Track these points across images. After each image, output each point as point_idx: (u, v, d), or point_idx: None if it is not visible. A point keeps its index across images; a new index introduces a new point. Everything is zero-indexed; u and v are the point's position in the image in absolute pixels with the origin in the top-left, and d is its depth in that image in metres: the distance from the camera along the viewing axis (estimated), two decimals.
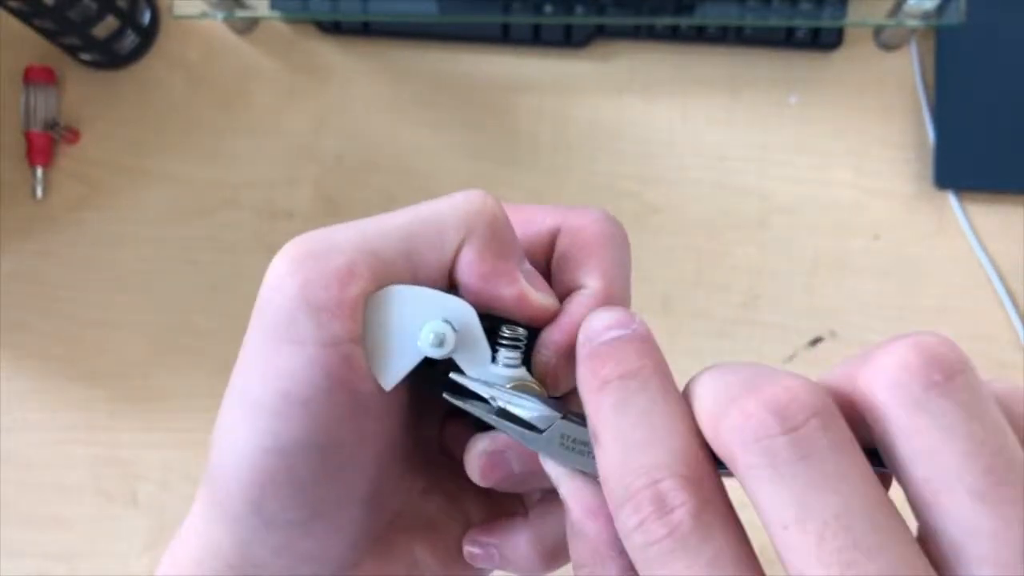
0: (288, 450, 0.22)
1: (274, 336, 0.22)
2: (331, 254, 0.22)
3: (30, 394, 0.63)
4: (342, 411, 0.23)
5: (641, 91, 0.65)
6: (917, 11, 0.60)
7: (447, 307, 0.23)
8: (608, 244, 0.25)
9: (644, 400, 0.20)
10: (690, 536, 0.18)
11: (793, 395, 0.18)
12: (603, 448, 0.20)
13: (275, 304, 0.23)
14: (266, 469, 0.23)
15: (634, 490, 0.19)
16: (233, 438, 0.23)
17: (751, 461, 0.17)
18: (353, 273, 0.22)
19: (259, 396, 0.22)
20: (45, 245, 0.65)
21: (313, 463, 0.23)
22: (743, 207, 0.64)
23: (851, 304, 0.62)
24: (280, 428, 0.22)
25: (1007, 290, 0.62)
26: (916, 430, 0.17)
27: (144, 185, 0.65)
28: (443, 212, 0.24)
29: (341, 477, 0.24)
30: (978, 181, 0.63)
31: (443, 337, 0.23)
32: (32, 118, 0.65)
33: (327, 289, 0.22)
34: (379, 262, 0.23)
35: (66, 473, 0.62)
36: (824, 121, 0.64)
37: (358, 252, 0.23)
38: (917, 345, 0.17)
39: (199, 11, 0.63)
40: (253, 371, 0.23)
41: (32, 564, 0.61)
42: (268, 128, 0.66)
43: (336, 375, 0.22)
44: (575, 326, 0.23)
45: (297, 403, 0.22)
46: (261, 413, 0.22)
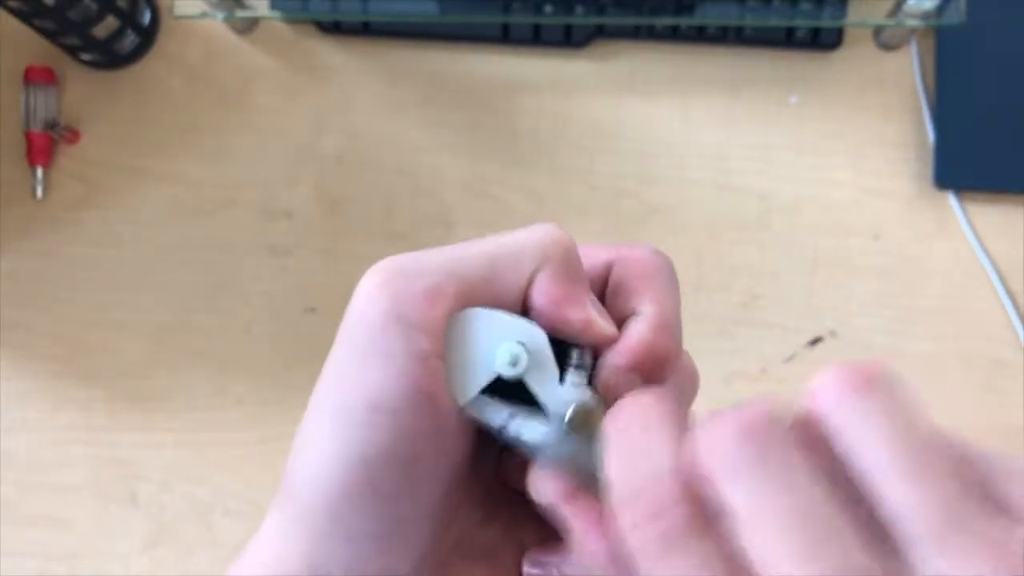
0: (373, 460, 0.23)
1: (364, 349, 0.24)
2: (421, 274, 0.24)
3: (30, 394, 0.63)
4: (425, 424, 0.24)
5: (641, 91, 0.65)
6: (917, 11, 0.60)
7: (522, 330, 0.25)
8: (659, 274, 0.27)
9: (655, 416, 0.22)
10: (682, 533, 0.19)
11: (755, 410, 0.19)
12: (611, 456, 0.21)
13: (366, 318, 0.24)
14: (351, 480, 0.23)
15: (634, 490, 0.20)
16: (319, 449, 0.24)
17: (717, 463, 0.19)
18: (441, 293, 0.24)
19: (348, 406, 0.23)
20: (45, 245, 0.65)
21: (395, 475, 0.24)
22: (743, 207, 0.64)
23: (851, 304, 0.62)
24: (367, 438, 0.23)
25: (1007, 290, 0.62)
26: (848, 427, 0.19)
27: (144, 185, 0.65)
28: (522, 241, 0.25)
29: (419, 493, 0.25)
30: (978, 181, 0.63)
31: (518, 358, 0.24)
32: (32, 118, 0.65)
33: (417, 306, 0.23)
34: (463, 284, 0.24)
35: (66, 473, 0.62)
36: (824, 121, 0.64)
37: (445, 274, 0.24)
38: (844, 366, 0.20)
39: (199, 11, 0.63)
40: (342, 383, 0.24)
41: (32, 564, 0.61)
42: (268, 128, 0.66)
43: (422, 387, 0.23)
44: (633, 348, 0.25)
45: (385, 413, 0.23)
46: (349, 423, 0.23)
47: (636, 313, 0.26)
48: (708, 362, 0.62)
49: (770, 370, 0.61)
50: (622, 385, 0.25)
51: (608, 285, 0.27)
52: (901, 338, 0.61)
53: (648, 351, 0.25)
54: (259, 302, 0.63)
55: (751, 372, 0.61)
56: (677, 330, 0.27)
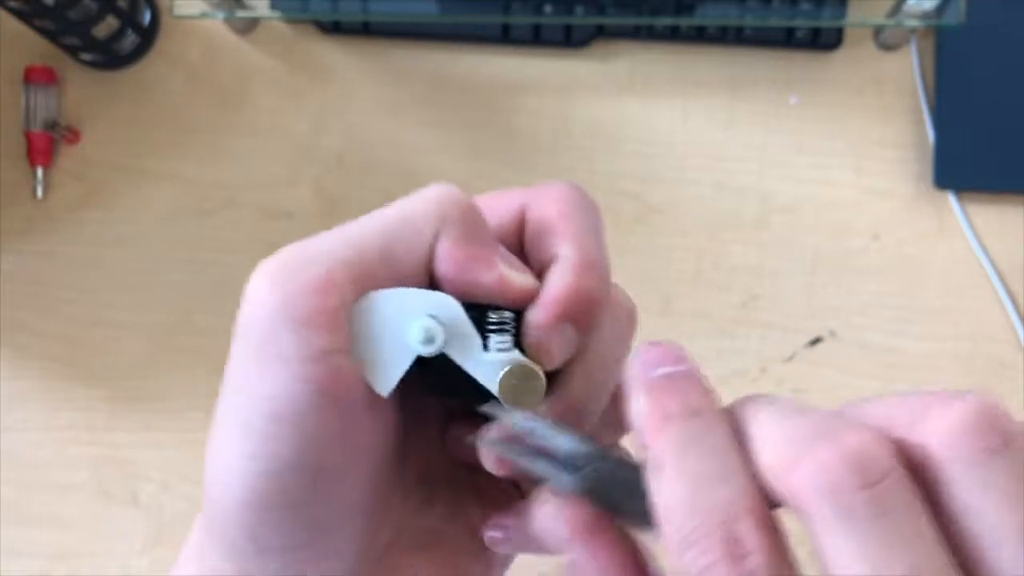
0: (280, 472, 0.22)
1: (258, 355, 0.22)
2: (308, 265, 0.22)
3: (30, 394, 0.63)
4: (333, 427, 0.22)
5: (641, 91, 0.65)
6: (917, 11, 0.60)
7: (431, 303, 0.23)
8: (575, 211, 0.25)
9: (712, 438, 0.19)
10: None
11: (870, 449, 0.17)
12: (667, 481, 0.19)
13: (256, 321, 0.22)
14: (259, 492, 0.22)
15: (704, 529, 0.18)
16: (225, 462, 0.22)
17: (826, 512, 0.17)
18: (332, 282, 0.22)
19: (247, 417, 0.22)
20: (45, 245, 0.65)
21: (307, 484, 0.22)
22: (743, 207, 0.64)
23: (851, 304, 0.62)
24: (271, 450, 0.22)
25: (1007, 290, 0.62)
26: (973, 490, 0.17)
27: (144, 185, 0.65)
28: (414, 209, 0.23)
29: (336, 497, 0.23)
30: (978, 181, 0.63)
31: (432, 333, 0.22)
32: (32, 118, 0.65)
33: (307, 301, 0.21)
34: (357, 268, 0.22)
35: (66, 473, 0.62)
36: (824, 121, 0.64)
37: (335, 261, 0.22)
38: (976, 406, 0.18)
39: (199, 11, 0.63)
40: (240, 392, 0.22)
41: (32, 564, 0.61)
42: (268, 128, 0.66)
43: (325, 390, 0.21)
44: (556, 297, 0.23)
45: (287, 423, 0.21)
46: (250, 435, 0.22)
47: (556, 257, 0.24)
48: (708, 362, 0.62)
49: (770, 370, 0.61)
50: (553, 340, 0.23)
51: (524, 234, 0.25)
52: (901, 338, 0.61)
53: (573, 297, 0.23)
54: None
55: (751, 372, 0.61)
56: (603, 267, 0.24)
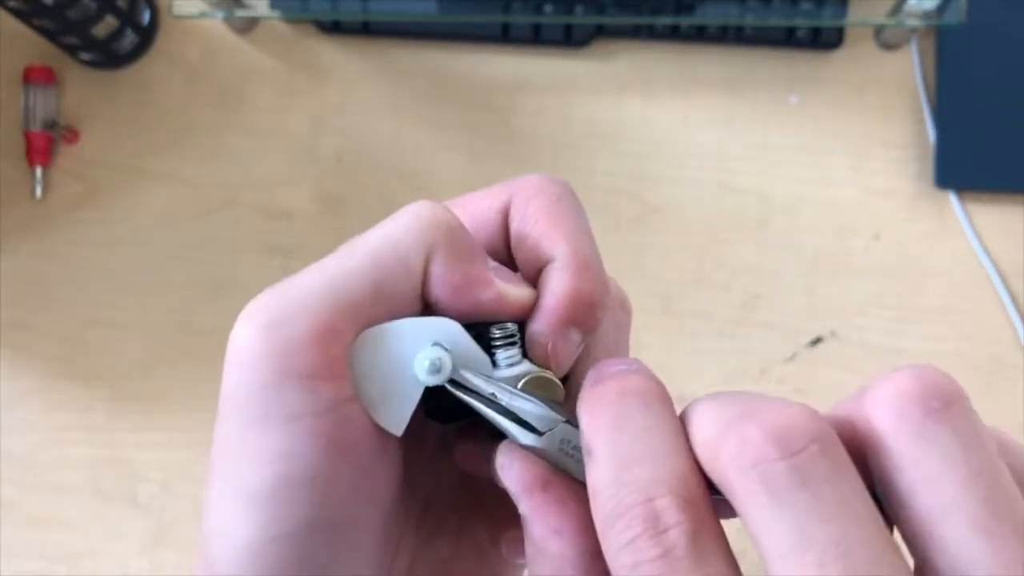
0: (298, 534, 0.21)
1: (258, 417, 0.21)
2: (301, 315, 0.21)
3: (30, 394, 0.63)
4: (348, 478, 0.21)
5: (641, 91, 0.65)
6: (917, 11, 0.60)
7: (432, 330, 0.22)
8: (560, 205, 0.24)
9: (644, 418, 0.19)
10: (684, 558, 0.17)
11: (793, 421, 0.17)
12: (596, 461, 0.19)
13: (252, 380, 0.21)
14: (279, 558, 0.21)
15: (627, 506, 0.18)
16: (234, 534, 0.21)
17: (749, 487, 0.17)
18: (333, 331, 0.21)
19: (255, 484, 0.21)
20: (45, 245, 0.65)
21: (328, 541, 0.21)
22: (743, 207, 0.64)
23: (851, 304, 0.62)
24: (286, 513, 0.21)
25: (1007, 290, 0.62)
26: (916, 457, 0.17)
27: (144, 185, 0.65)
28: (399, 237, 0.22)
29: (355, 547, 0.22)
30: (979, 181, 0.63)
31: (439, 362, 0.22)
32: (32, 118, 0.65)
33: (311, 355, 0.20)
34: (353, 310, 0.21)
35: (66, 473, 0.62)
36: (824, 121, 0.64)
37: (330, 307, 0.21)
38: (915, 374, 0.18)
39: (198, 11, 0.63)
40: (241, 459, 0.21)
41: (32, 564, 0.61)
42: (268, 128, 0.66)
43: (338, 442, 0.21)
44: (558, 304, 0.22)
45: (300, 483, 0.20)
46: (261, 503, 0.21)
47: (550, 259, 0.23)
48: (708, 362, 0.63)
49: (770, 370, 0.61)
50: (560, 347, 0.23)
51: (510, 235, 0.24)
52: (901, 338, 0.61)
53: (574, 301, 0.23)
54: None
55: (751, 372, 0.61)
56: (599, 265, 0.23)
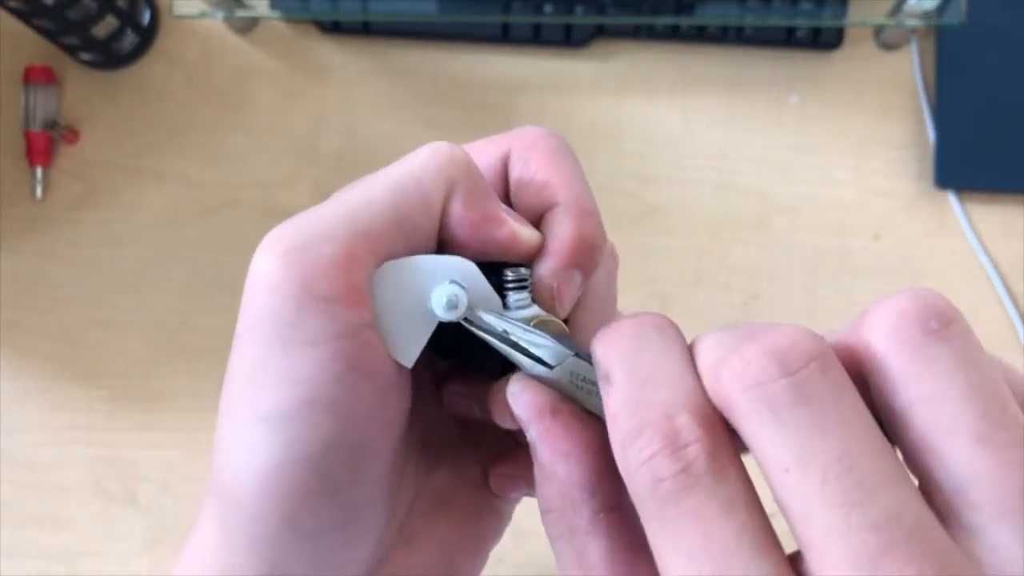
0: (320, 456, 0.21)
1: (281, 340, 0.21)
2: (325, 240, 0.21)
3: (30, 394, 0.63)
4: (368, 402, 0.22)
5: (641, 91, 0.65)
6: (917, 11, 0.60)
7: (450, 268, 0.23)
8: (559, 156, 0.25)
9: (660, 343, 0.19)
10: (704, 474, 0.17)
11: (792, 341, 0.17)
12: (614, 384, 0.19)
13: (275, 305, 0.21)
14: (299, 479, 0.21)
15: (646, 423, 0.18)
16: (255, 455, 0.21)
17: (750, 407, 0.17)
18: (354, 258, 0.21)
19: (278, 407, 0.21)
20: (45, 245, 0.65)
21: (346, 464, 0.22)
22: (743, 207, 0.64)
23: (851, 304, 0.62)
24: (308, 435, 0.21)
25: (1007, 290, 0.62)
26: (915, 376, 0.17)
27: (144, 185, 0.65)
28: (420, 173, 0.23)
29: (372, 474, 0.23)
30: (978, 181, 0.63)
31: (456, 299, 0.22)
32: (32, 118, 0.65)
33: (333, 279, 0.21)
34: (374, 240, 0.22)
35: (66, 473, 0.62)
36: (824, 121, 0.64)
37: (352, 234, 0.22)
38: (913, 296, 0.18)
39: (199, 11, 0.63)
40: (262, 382, 0.21)
41: (32, 564, 0.61)
42: (268, 128, 0.66)
43: (359, 366, 0.21)
44: (567, 246, 0.24)
45: (324, 407, 0.21)
46: (283, 424, 0.21)
47: (551, 205, 0.24)
48: None
49: None
50: (564, 287, 0.24)
51: (510, 182, 0.25)
52: None
53: (579, 244, 0.24)
54: None
55: None
56: (597, 211, 0.25)
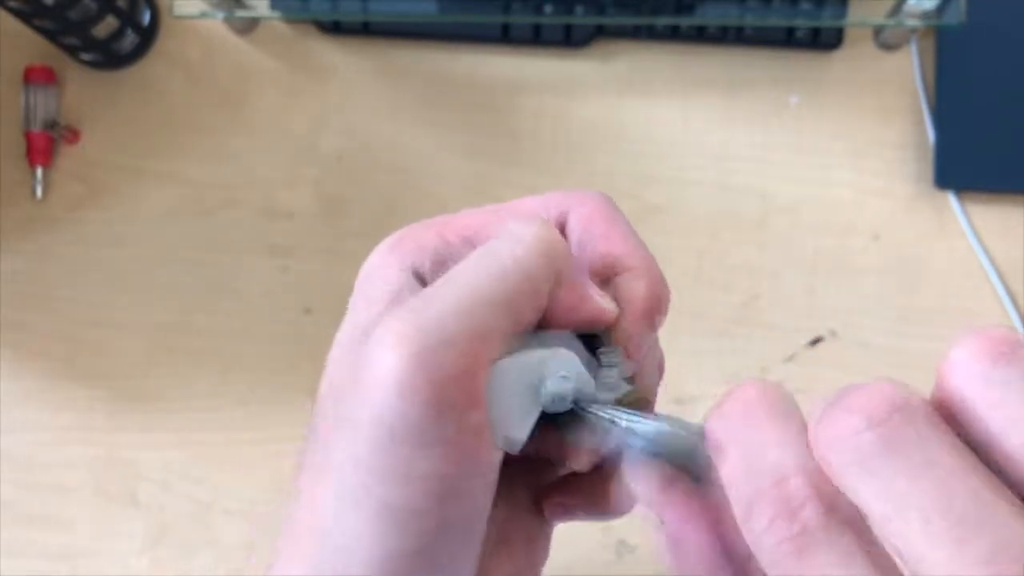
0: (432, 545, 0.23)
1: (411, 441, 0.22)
2: (452, 342, 0.22)
3: (30, 394, 0.63)
4: (484, 492, 0.24)
5: (641, 91, 0.65)
6: (917, 11, 0.60)
7: (556, 363, 0.24)
8: (621, 222, 0.27)
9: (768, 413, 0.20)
10: (820, 530, 0.18)
11: (877, 395, 0.18)
12: (728, 455, 0.20)
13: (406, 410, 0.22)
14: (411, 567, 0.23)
15: (762, 490, 0.19)
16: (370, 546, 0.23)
17: (843, 461, 0.18)
18: (479, 362, 0.23)
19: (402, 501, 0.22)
20: (45, 245, 0.65)
21: (456, 547, 0.23)
22: (743, 207, 0.64)
23: (851, 304, 0.62)
24: (426, 527, 0.22)
25: (1007, 290, 0.62)
26: (995, 402, 0.17)
27: (144, 185, 0.65)
28: (529, 265, 0.24)
29: (471, 546, 0.24)
30: (978, 181, 0.63)
31: (564, 394, 0.24)
32: (32, 118, 0.65)
33: (461, 386, 0.22)
34: (492, 341, 0.23)
35: (66, 473, 0.62)
36: (824, 121, 0.64)
37: (473, 339, 0.23)
38: (977, 333, 0.18)
39: (199, 11, 0.63)
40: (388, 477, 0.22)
41: (32, 564, 0.61)
42: (268, 128, 0.66)
43: (476, 459, 0.23)
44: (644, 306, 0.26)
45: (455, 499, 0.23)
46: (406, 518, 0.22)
47: (624, 269, 0.26)
48: (708, 362, 0.63)
49: (770, 370, 0.61)
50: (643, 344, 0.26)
51: (570, 242, 0.27)
52: (901, 338, 0.61)
53: (654, 303, 0.26)
54: (259, 302, 0.63)
55: (751, 372, 0.61)
56: (662, 273, 0.27)
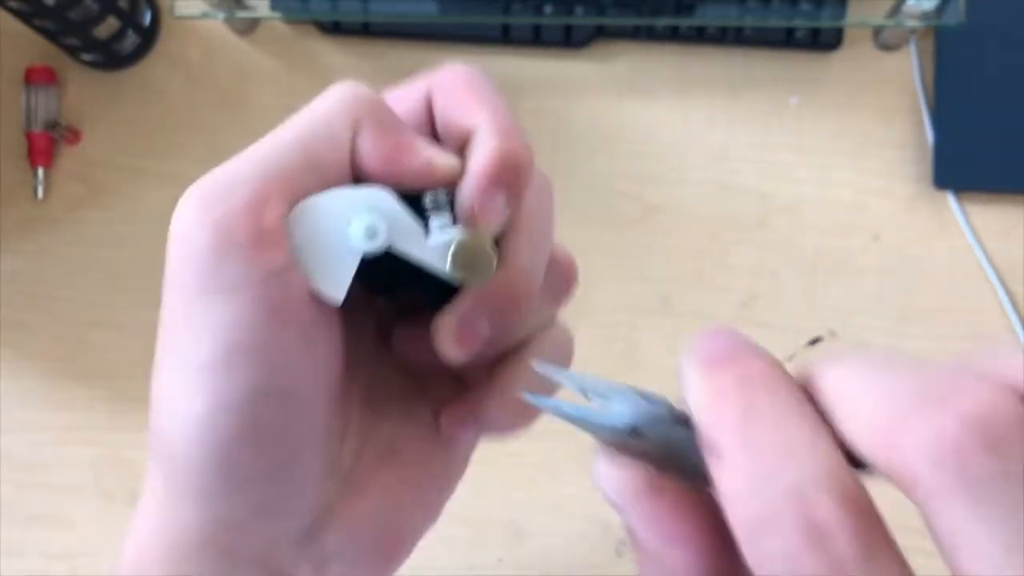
0: (248, 402, 0.21)
1: (201, 288, 0.21)
2: (236, 187, 0.22)
3: (30, 394, 0.63)
4: (293, 346, 0.22)
5: (641, 91, 0.65)
6: (917, 11, 0.60)
7: (365, 199, 0.23)
8: (480, 84, 0.25)
9: (775, 407, 0.17)
10: (855, 563, 0.14)
11: (996, 406, 0.15)
12: (729, 463, 0.16)
13: (192, 254, 0.22)
14: (229, 427, 0.21)
15: (777, 511, 0.15)
16: (184, 406, 0.22)
17: (944, 483, 0.14)
18: (266, 199, 0.22)
19: (202, 356, 0.21)
20: (45, 245, 0.65)
21: (275, 408, 0.22)
22: (743, 207, 0.64)
23: (851, 304, 0.62)
24: (234, 382, 0.21)
25: (1007, 290, 0.62)
26: None
27: (144, 185, 0.65)
28: (327, 113, 0.24)
29: (305, 417, 0.23)
30: (978, 181, 0.63)
31: (374, 228, 0.22)
32: (33, 118, 0.65)
33: (245, 223, 0.21)
34: (286, 181, 0.22)
35: (66, 473, 0.62)
36: (824, 121, 0.64)
37: (263, 179, 0.22)
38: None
39: (199, 11, 0.63)
40: (189, 332, 0.22)
41: (32, 564, 0.61)
42: (268, 128, 0.65)
43: (281, 309, 0.21)
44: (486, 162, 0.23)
45: (248, 352, 0.21)
46: (209, 373, 0.21)
47: (473, 130, 0.24)
48: None
49: None
50: (488, 207, 0.23)
51: (436, 120, 0.26)
52: (901, 338, 0.61)
53: (501, 162, 0.23)
54: None
55: None
56: (520, 131, 0.25)
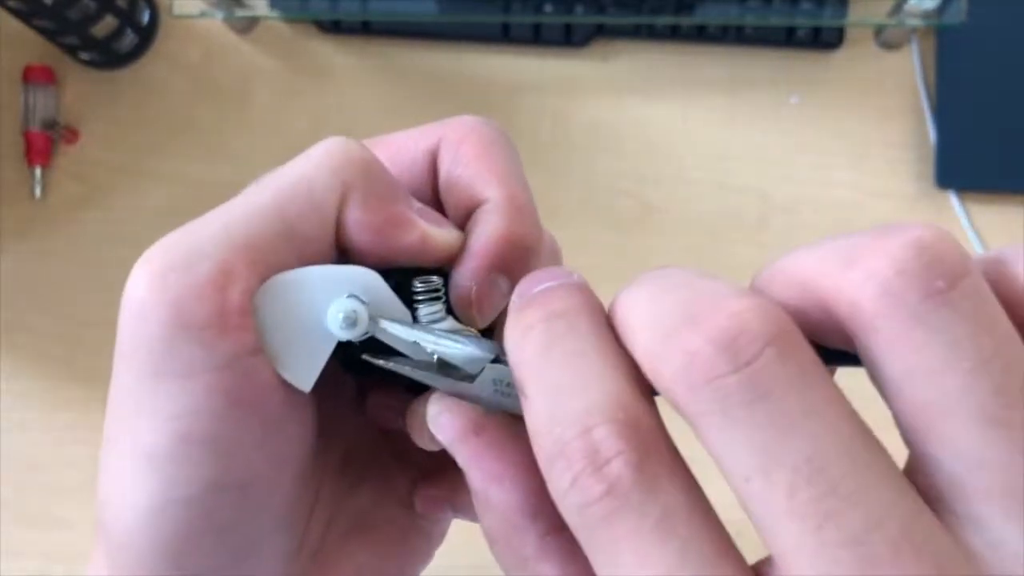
0: (201, 496, 0.19)
1: (153, 371, 0.19)
2: (196, 260, 0.19)
3: (30, 394, 0.63)
4: (253, 437, 0.20)
5: (641, 91, 0.65)
6: (918, 11, 0.60)
7: (347, 280, 0.20)
8: (495, 150, 0.22)
9: (572, 341, 0.17)
10: (632, 491, 0.15)
11: (742, 323, 0.15)
12: (529, 399, 0.17)
13: (145, 335, 0.19)
14: (181, 520, 0.19)
15: (564, 442, 0.16)
16: (133, 496, 0.20)
17: (700, 407, 0.15)
18: (229, 274, 0.19)
19: (151, 444, 0.19)
20: (45, 245, 0.65)
21: (232, 503, 0.20)
22: (743, 207, 0.64)
23: None
24: (187, 474, 0.19)
25: None
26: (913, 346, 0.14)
27: (144, 185, 0.65)
28: (310, 174, 0.21)
29: (265, 509, 0.21)
30: (979, 181, 0.63)
31: (354, 315, 0.20)
32: (31, 118, 0.64)
33: (204, 302, 0.19)
34: (255, 253, 0.19)
35: (66, 473, 0.62)
36: (824, 121, 0.64)
37: (228, 248, 0.19)
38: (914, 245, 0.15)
39: (199, 10, 0.63)
40: (137, 417, 0.19)
41: (32, 564, 0.61)
42: (268, 128, 0.66)
43: (239, 398, 0.19)
44: (488, 245, 0.21)
45: (201, 443, 0.19)
46: (159, 463, 0.19)
47: (480, 202, 0.22)
48: None
49: None
50: (484, 295, 0.21)
51: (439, 178, 0.23)
52: None
53: (507, 244, 0.21)
54: None
55: None
56: (533, 209, 0.22)
